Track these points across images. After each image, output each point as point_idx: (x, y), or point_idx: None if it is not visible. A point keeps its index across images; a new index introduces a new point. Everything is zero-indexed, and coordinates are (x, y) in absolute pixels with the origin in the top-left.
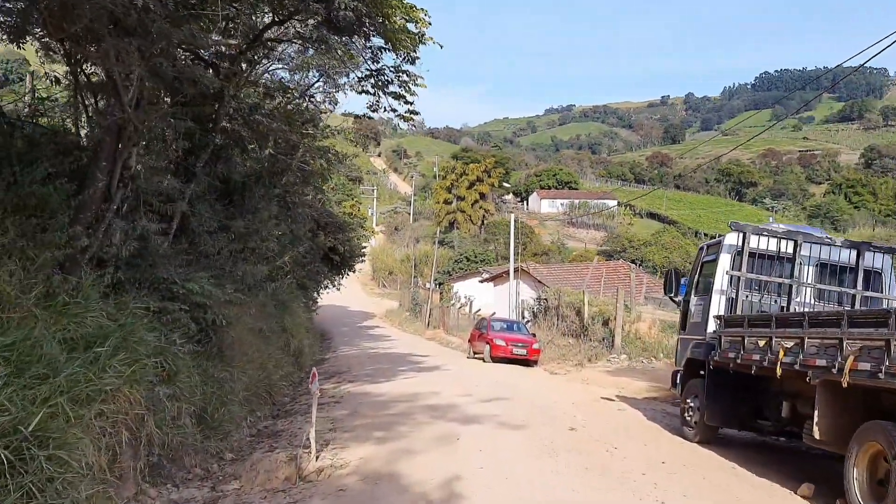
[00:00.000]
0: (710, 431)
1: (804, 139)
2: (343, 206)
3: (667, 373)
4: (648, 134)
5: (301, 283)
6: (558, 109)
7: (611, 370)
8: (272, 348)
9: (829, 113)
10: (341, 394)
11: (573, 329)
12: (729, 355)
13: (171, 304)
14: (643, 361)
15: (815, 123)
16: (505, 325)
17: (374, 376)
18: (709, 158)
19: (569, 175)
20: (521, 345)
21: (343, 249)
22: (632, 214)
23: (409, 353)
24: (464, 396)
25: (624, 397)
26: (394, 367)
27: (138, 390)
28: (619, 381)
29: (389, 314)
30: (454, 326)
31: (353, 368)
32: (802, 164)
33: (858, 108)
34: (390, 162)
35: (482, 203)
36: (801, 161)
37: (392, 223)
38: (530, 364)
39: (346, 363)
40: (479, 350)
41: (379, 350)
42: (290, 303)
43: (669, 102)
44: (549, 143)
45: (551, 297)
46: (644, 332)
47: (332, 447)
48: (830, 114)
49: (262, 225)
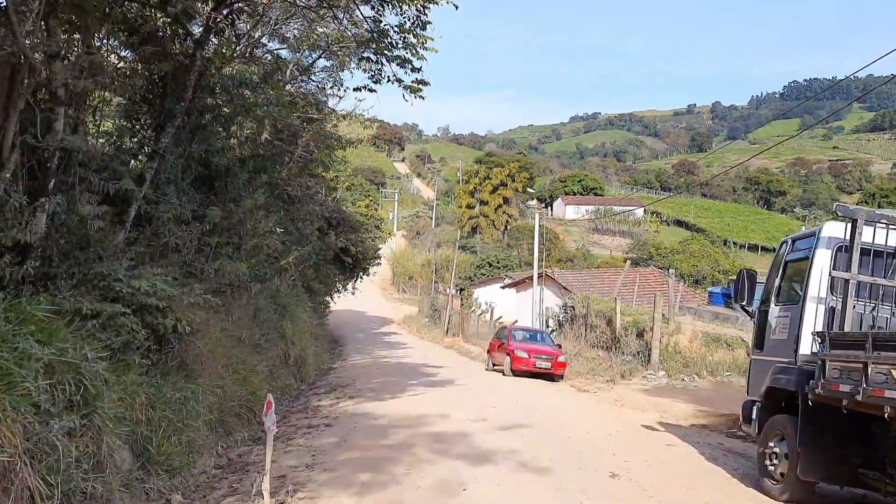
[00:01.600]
0: (804, 488)
1: (834, 148)
2: (358, 206)
3: (712, 394)
4: (675, 142)
5: (308, 286)
6: (583, 117)
7: (647, 389)
8: (263, 359)
9: (860, 122)
10: (336, 414)
11: (603, 340)
12: (840, 388)
13: (111, 306)
14: (684, 379)
15: (845, 133)
16: (527, 334)
17: (379, 391)
18: (736, 166)
19: (594, 181)
20: (546, 357)
21: (356, 251)
22: (658, 222)
23: (422, 363)
24: (477, 422)
25: (668, 424)
26: (403, 380)
27: (9, 426)
28: (659, 402)
29: (408, 320)
30: (474, 334)
31: (359, 381)
32: (833, 173)
33: (890, 118)
34: (414, 167)
35: (506, 208)
36: (832, 170)
37: (414, 227)
38: (555, 379)
39: (353, 374)
40: (499, 362)
41: (391, 359)
42: (292, 307)
43: (696, 111)
44: (573, 151)
45: (579, 304)
46: (684, 346)
47: (300, 497)
48: (860, 123)
49: (246, 216)
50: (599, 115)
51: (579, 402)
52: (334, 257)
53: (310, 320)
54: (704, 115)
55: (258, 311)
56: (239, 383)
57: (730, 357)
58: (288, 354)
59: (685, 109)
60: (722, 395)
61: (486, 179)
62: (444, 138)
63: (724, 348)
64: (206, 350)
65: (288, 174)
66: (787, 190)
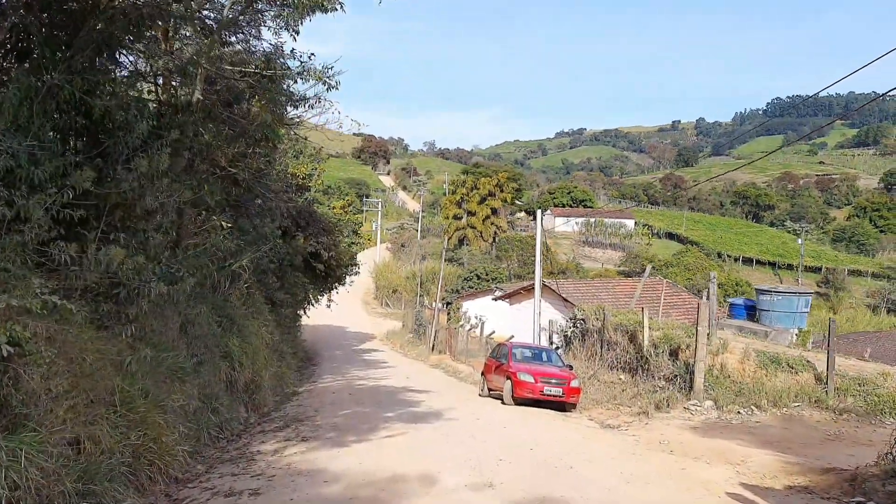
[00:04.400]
0: None
1: (820, 163)
2: (333, 207)
3: (784, 433)
4: (661, 156)
5: (271, 297)
6: (569, 133)
7: (695, 426)
8: (190, 387)
9: (843, 138)
10: (275, 470)
11: (626, 361)
12: None
13: None
14: (740, 412)
15: (829, 149)
16: (531, 353)
17: (343, 430)
18: (723, 181)
19: (584, 193)
20: (556, 381)
21: (328, 256)
22: (650, 234)
23: (404, 386)
24: (480, 491)
25: (756, 488)
26: (378, 411)
27: None
28: (721, 447)
29: (391, 336)
30: (463, 351)
31: (323, 412)
32: (820, 188)
33: (874, 134)
34: (399, 179)
35: (494, 219)
36: (819, 185)
37: (398, 240)
38: (566, 408)
39: (319, 402)
40: (497, 386)
41: (367, 382)
42: (242, 319)
43: (680, 127)
44: (559, 166)
45: (592, 316)
46: (734, 368)
47: None
48: (844, 139)
49: (144, 186)
50: (585, 130)
51: (614, 446)
52: (303, 264)
53: (270, 336)
54: (689, 132)
55: (188, 324)
56: (125, 428)
57: (794, 382)
58: (234, 380)
59: (670, 125)
60: (797, 435)
61: (473, 189)
62: (430, 153)
63: (786, 370)
64: (57, 383)
65: (233, 152)
66: (775, 204)
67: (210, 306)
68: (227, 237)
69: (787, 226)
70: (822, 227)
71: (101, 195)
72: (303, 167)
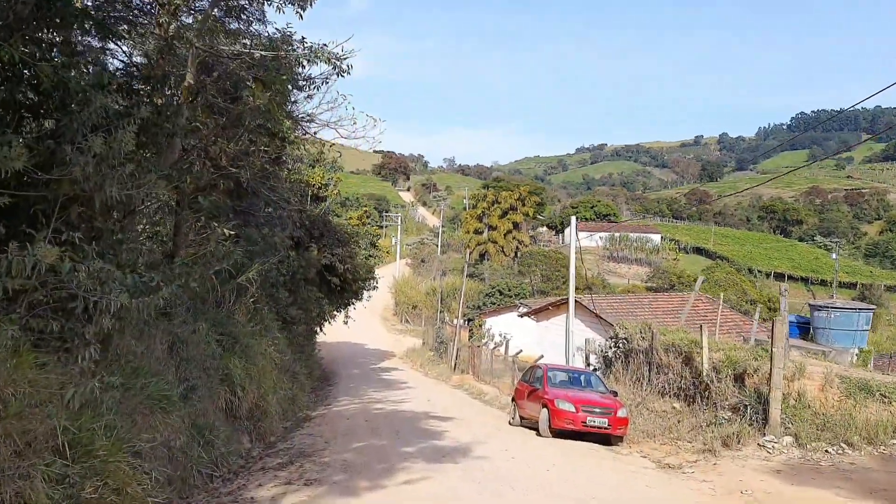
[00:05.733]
0: None
1: (848, 178)
2: (349, 218)
3: (892, 478)
4: (685, 171)
5: (283, 313)
6: (589, 148)
7: (776, 467)
8: (174, 419)
9: (870, 153)
10: None
11: (679, 386)
12: None
13: None
14: (828, 451)
15: (856, 164)
16: (568, 376)
17: (354, 472)
18: (749, 196)
19: (607, 207)
20: (600, 410)
21: (343, 269)
22: (677, 249)
23: (425, 411)
24: None
25: None
26: (396, 444)
27: None
28: (818, 498)
29: (410, 354)
30: (487, 371)
31: (334, 444)
32: (849, 202)
33: None
34: (419, 195)
35: (516, 233)
36: (848, 199)
37: (418, 255)
38: (612, 441)
39: (332, 429)
40: (531, 415)
41: (386, 405)
42: (247, 338)
43: (703, 142)
44: (580, 182)
45: (636, 335)
46: (814, 397)
47: None
48: (871, 153)
49: (103, 172)
50: (605, 146)
51: (688, 499)
52: (318, 277)
53: (280, 356)
54: (712, 147)
55: (180, 344)
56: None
57: (888, 414)
58: (235, 406)
59: (692, 140)
60: None
61: (494, 203)
62: (450, 169)
63: (878, 400)
64: None
65: (234, 149)
66: (803, 219)
67: (210, 323)
68: (230, 246)
69: (818, 241)
70: (853, 243)
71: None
72: (318, 176)
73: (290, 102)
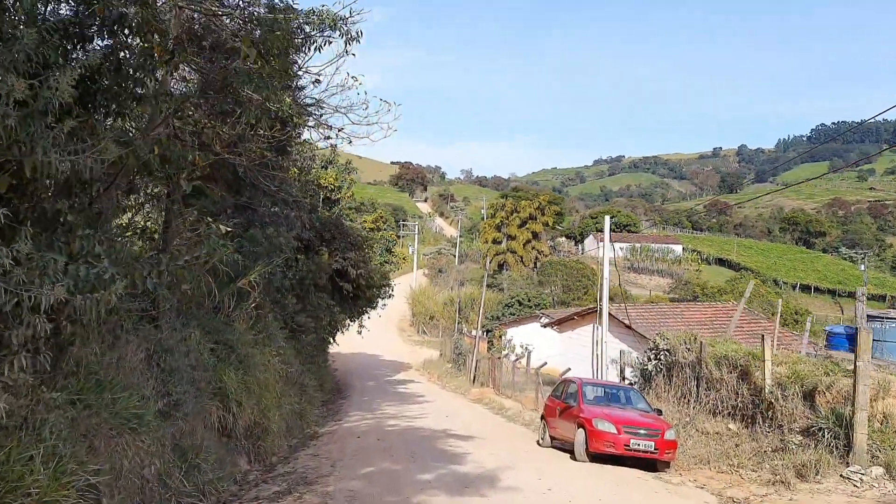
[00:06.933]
0: None
1: (871, 189)
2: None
3: None
4: (704, 183)
5: (290, 322)
6: (607, 160)
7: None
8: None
9: (892, 164)
10: None
11: (735, 405)
12: None
13: None
14: None
15: (878, 175)
16: (605, 392)
17: None
18: (770, 207)
19: (628, 217)
20: (645, 432)
21: (356, 274)
22: (699, 260)
23: (443, 429)
24: None
25: None
26: (412, 469)
27: None
28: None
29: (427, 365)
30: (508, 384)
31: (340, 469)
32: (872, 214)
33: None
34: (436, 206)
35: (535, 243)
36: (871, 211)
37: (436, 265)
38: (658, 467)
39: (340, 450)
40: (564, 435)
41: (401, 421)
42: (246, 347)
43: (721, 154)
44: (598, 193)
45: (680, 346)
46: None
47: None
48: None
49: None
50: (623, 157)
51: None
52: (329, 283)
53: (285, 368)
54: (730, 158)
55: (162, 353)
56: None
57: None
58: (230, 424)
59: (710, 152)
60: None
61: (513, 213)
62: (468, 180)
63: None
64: None
65: (229, 133)
66: (826, 230)
67: (203, 330)
68: (228, 245)
69: (842, 252)
70: (878, 255)
71: None
72: (330, 177)
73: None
